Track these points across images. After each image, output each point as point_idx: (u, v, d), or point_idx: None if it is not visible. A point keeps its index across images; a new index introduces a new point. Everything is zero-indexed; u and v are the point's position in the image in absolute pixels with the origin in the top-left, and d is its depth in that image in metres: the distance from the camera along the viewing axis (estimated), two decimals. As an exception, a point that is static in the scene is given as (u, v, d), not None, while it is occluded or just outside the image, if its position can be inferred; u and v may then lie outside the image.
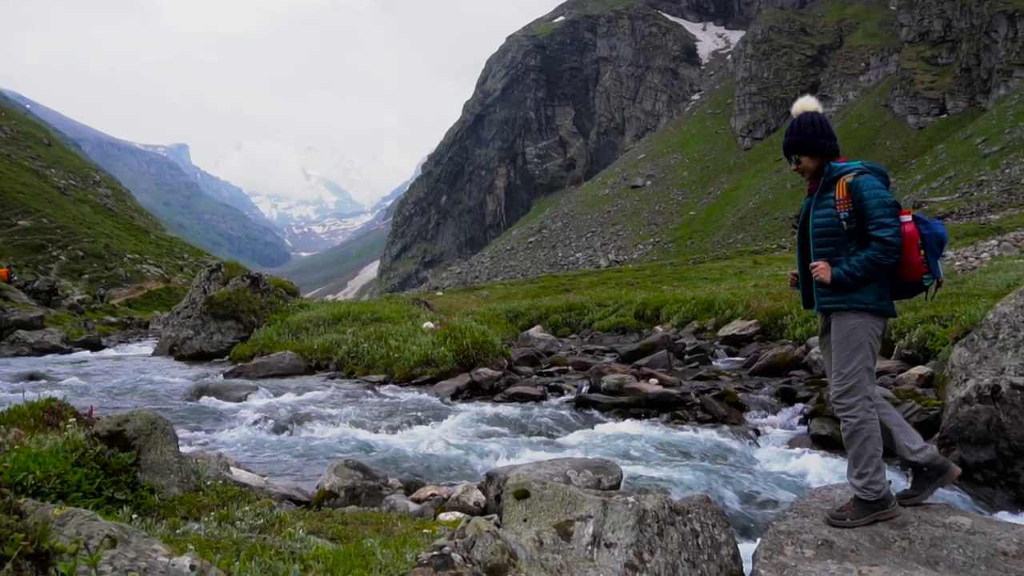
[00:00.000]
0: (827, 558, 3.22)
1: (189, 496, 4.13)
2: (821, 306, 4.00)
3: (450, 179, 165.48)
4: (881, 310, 3.84)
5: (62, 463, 3.73)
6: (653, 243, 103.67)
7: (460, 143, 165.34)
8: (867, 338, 3.82)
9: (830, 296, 3.89)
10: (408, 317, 15.47)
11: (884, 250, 3.70)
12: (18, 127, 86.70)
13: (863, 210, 3.77)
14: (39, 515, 1.37)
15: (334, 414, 8.48)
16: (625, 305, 19.82)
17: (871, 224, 3.74)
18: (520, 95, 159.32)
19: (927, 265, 3.78)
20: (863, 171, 3.86)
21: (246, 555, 2.34)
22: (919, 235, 3.76)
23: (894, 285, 3.90)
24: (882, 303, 3.83)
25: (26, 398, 5.49)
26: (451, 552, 2.05)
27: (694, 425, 7.84)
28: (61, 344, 19.79)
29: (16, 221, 56.46)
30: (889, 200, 3.76)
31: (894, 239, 3.69)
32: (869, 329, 3.83)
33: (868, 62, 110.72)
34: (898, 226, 3.72)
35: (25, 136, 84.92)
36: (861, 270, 3.75)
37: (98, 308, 43.08)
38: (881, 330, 3.90)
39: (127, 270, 57.68)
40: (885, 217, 3.71)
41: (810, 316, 12.83)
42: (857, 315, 3.83)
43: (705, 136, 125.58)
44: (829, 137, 3.97)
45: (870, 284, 3.81)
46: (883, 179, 3.90)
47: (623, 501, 3.38)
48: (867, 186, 3.78)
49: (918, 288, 3.91)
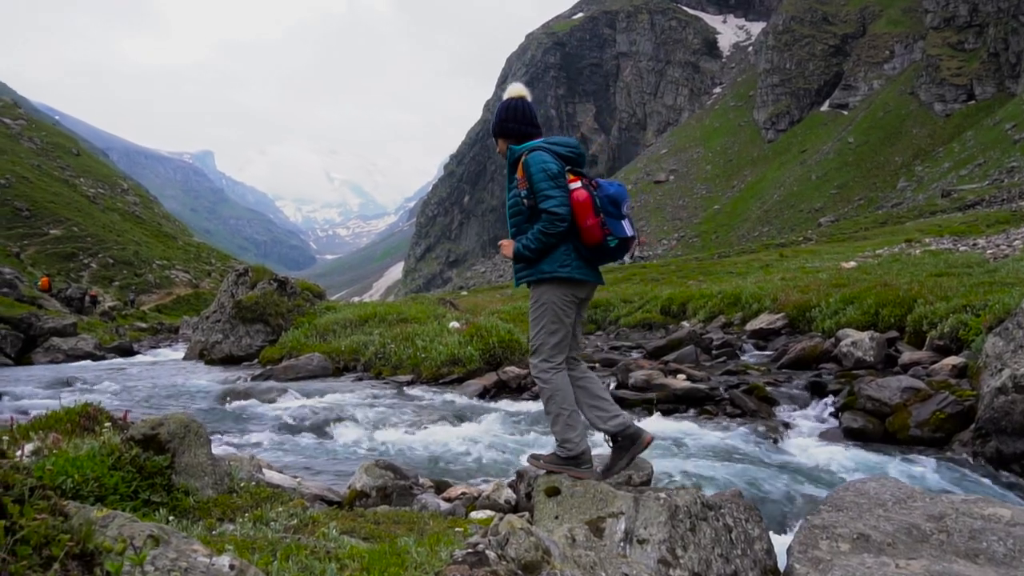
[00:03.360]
0: (863, 552, 3.18)
1: (223, 498, 4.17)
2: (518, 281, 4.15)
3: (472, 179, 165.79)
4: (567, 277, 3.93)
5: (99, 467, 3.79)
6: (677, 238, 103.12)
7: (481, 142, 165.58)
8: (551, 304, 3.96)
9: (522, 271, 4.04)
10: (434, 317, 15.52)
11: (551, 220, 3.82)
12: (48, 138, 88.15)
13: (532, 185, 3.90)
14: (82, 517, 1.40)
15: (363, 415, 8.54)
16: (651, 301, 19.73)
17: (538, 197, 3.87)
18: (540, 93, 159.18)
19: (606, 227, 3.85)
20: (535, 148, 3.97)
21: (282, 555, 2.36)
22: (591, 199, 3.85)
23: (583, 251, 3.95)
24: (565, 270, 3.91)
25: (62, 403, 5.59)
26: (485, 549, 2.05)
27: (723, 420, 7.78)
28: (94, 350, 20.11)
29: (48, 230, 57.46)
30: (553, 170, 3.87)
31: (557, 209, 3.80)
32: (555, 295, 3.96)
33: (892, 50, 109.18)
34: (562, 196, 3.83)
35: (55, 146, 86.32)
36: (535, 241, 3.88)
37: (129, 314, 43.73)
38: (572, 295, 4.00)
39: (156, 276, 58.49)
40: (549, 189, 3.83)
41: (839, 309, 12.69)
42: (543, 284, 3.97)
43: (728, 129, 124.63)
44: (522, 122, 4.14)
45: (554, 253, 3.91)
46: (569, 151, 4.03)
47: (654, 497, 3.37)
48: (533, 162, 3.91)
49: (607, 250, 3.94)
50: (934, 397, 6.86)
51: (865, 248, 33.96)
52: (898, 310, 11.30)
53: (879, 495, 3.75)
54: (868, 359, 9.62)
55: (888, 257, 25.70)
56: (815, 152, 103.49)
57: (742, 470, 5.90)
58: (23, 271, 39.93)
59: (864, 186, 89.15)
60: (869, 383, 7.40)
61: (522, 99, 4.23)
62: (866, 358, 9.64)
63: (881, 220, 61.85)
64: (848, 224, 66.25)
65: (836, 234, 56.37)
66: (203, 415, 8.65)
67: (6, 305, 22.79)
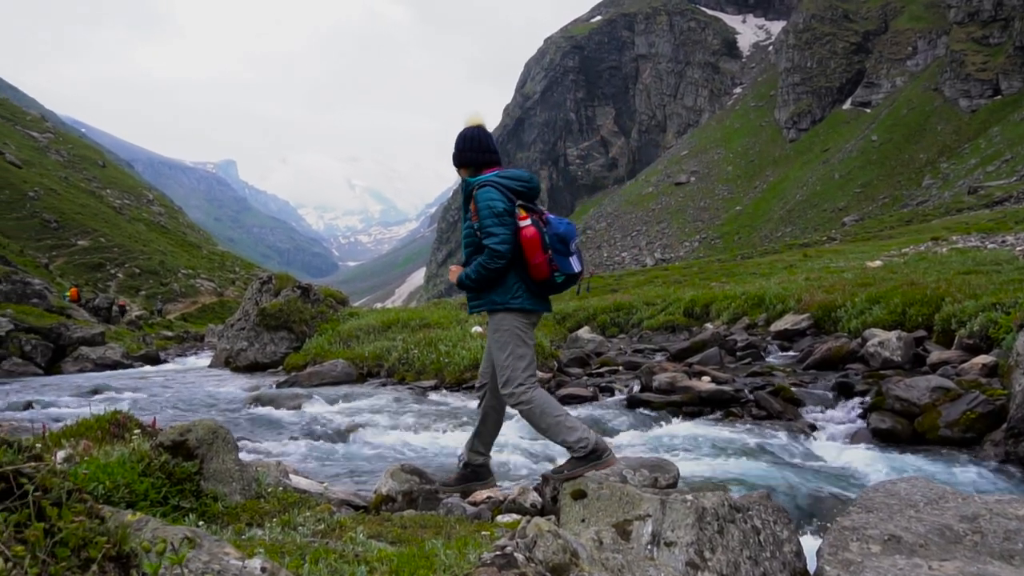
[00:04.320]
0: (895, 553, 3.14)
1: (251, 503, 4.21)
2: (470, 309, 4.38)
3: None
4: (519, 307, 4.15)
5: (129, 473, 3.84)
6: (699, 240, 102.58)
7: (502, 147, 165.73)
8: (513, 330, 4.18)
9: (474, 300, 4.29)
10: (456, 322, 15.55)
11: (491, 256, 4.02)
12: (74, 150, 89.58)
13: (480, 220, 4.09)
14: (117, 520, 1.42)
15: (387, 420, 8.58)
16: (674, 303, 19.62)
17: (482, 233, 4.07)
18: (560, 97, 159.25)
19: (553, 263, 4.04)
20: (486, 184, 4.14)
21: (312, 558, 2.38)
22: (540, 236, 4.01)
23: (531, 284, 4.17)
24: (516, 301, 4.13)
25: (92, 411, 5.67)
26: (513, 552, 2.06)
27: (749, 422, 7.72)
28: (122, 359, 20.38)
29: (76, 241, 58.35)
30: (498, 208, 4.04)
31: (498, 246, 4.00)
32: (515, 322, 4.18)
33: (915, 46, 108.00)
34: (505, 233, 4.01)
35: (81, 159, 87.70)
36: (475, 273, 4.09)
37: (155, 323, 44.28)
38: (527, 323, 4.23)
39: (181, 285, 59.17)
40: (493, 227, 4.02)
41: (865, 308, 12.55)
42: (500, 314, 4.21)
43: (749, 129, 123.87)
44: (480, 151, 4.30)
45: (504, 285, 4.14)
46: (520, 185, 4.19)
47: (681, 499, 3.35)
48: (481, 198, 4.09)
49: (554, 284, 4.15)
50: (964, 397, 6.76)
51: (891, 247, 33.58)
52: (926, 309, 11.16)
53: (910, 496, 3.71)
54: (895, 359, 9.51)
55: (914, 256, 25.40)
56: (838, 151, 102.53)
57: (769, 472, 5.85)
58: (52, 282, 40.57)
59: (888, 184, 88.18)
60: (897, 383, 7.31)
61: (479, 128, 4.36)
62: (893, 358, 9.53)
63: (906, 218, 61.13)
64: (873, 223, 65.55)
65: (861, 233, 55.80)
66: (230, 422, 8.73)
67: (36, 316, 23.16)
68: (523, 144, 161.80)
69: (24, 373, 16.91)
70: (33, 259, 47.98)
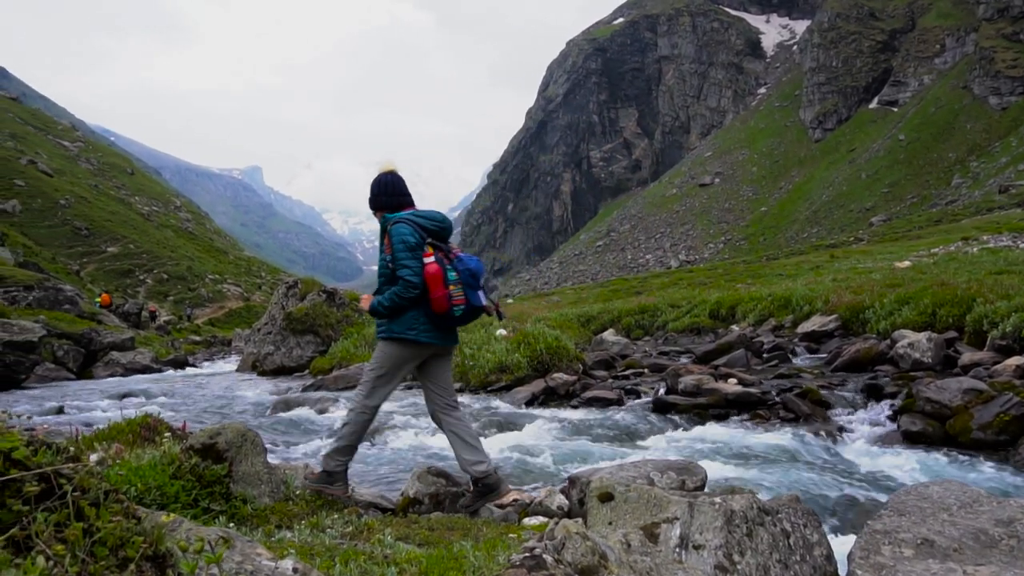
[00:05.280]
0: (928, 557, 3.10)
1: (280, 505, 4.25)
2: (377, 334, 4.74)
3: (516, 187, 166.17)
4: (412, 339, 4.50)
5: (160, 475, 3.89)
6: (724, 241, 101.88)
7: (524, 150, 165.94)
8: (389, 357, 4.58)
9: (380, 326, 4.64)
10: (481, 325, 15.57)
11: (404, 286, 4.37)
12: (104, 159, 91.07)
13: (393, 254, 4.45)
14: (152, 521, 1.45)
15: (413, 423, 8.60)
16: (699, 305, 19.51)
17: (396, 265, 4.42)
18: (582, 99, 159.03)
19: (452, 299, 4.37)
20: (399, 221, 4.51)
21: (341, 559, 2.40)
22: (442, 272, 4.37)
23: (432, 317, 4.48)
24: (412, 333, 4.48)
25: (123, 415, 5.75)
26: (542, 554, 2.05)
27: (776, 424, 7.65)
28: (151, 363, 20.64)
29: (105, 248, 59.28)
30: (411, 243, 4.40)
31: (411, 278, 4.35)
32: (396, 352, 4.57)
33: (943, 43, 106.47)
34: (417, 266, 4.37)
35: (110, 167, 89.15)
36: (388, 301, 4.44)
37: (183, 328, 44.81)
38: (416, 354, 4.60)
39: (209, 290, 59.88)
40: (406, 259, 4.37)
41: (894, 309, 12.39)
42: (388, 342, 4.58)
43: (773, 130, 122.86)
44: (392, 195, 4.70)
45: (404, 317, 4.48)
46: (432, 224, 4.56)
47: (709, 502, 3.32)
48: (395, 233, 4.46)
49: (453, 318, 4.46)
50: (997, 399, 6.64)
51: (919, 247, 33.14)
52: (956, 310, 10.99)
53: (943, 499, 3.66)
54: (926, 360, 9.38)
55: (944, 256, 25.04)
56: (864, 151, 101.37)
57: (797, 475, 5.79)
58: (83, 288, 41.23)
59: (917, 184, 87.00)
60: (928, 385, 7.21)
61: (391, 173, 4.78)
62: (924, 359, 9.40)
63: (935, 218, 60.28)
64: (901, 223, 64.73)
65: (888, 234, 55.13)
66: (257, 425, 8.81)
67: (67, 321, 23.55)
68: (546, 147, 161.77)
69: (57, 378, 17.19)
70: (64, 266, 48.77)
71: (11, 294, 26.61)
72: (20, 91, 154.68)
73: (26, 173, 62.55)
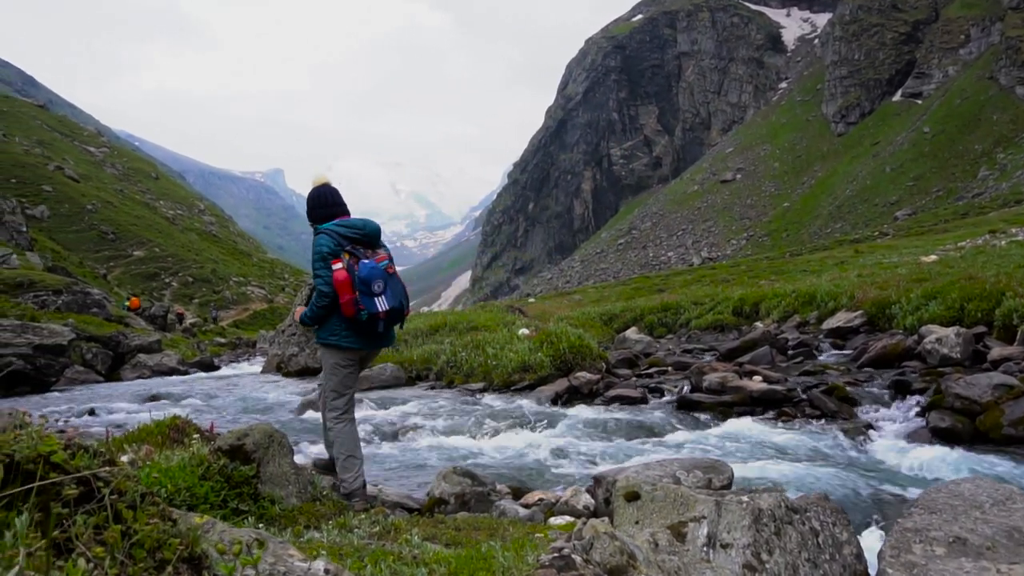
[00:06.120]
0: (960, 556, 3.06)
1: (307, 506, 4.28)
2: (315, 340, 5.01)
3: (536, 186, 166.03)
4: (336, 344, 4.75)
5: (190, 477, 3.93)
6: (747, 237, 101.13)
7: (544, 149, 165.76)
8: (334, 367, 4.82)
9: (316, 334, 4.89)
10: (503, 324, 15.59)
11: (317, 294, 4.63)
12: (129, 163, 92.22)
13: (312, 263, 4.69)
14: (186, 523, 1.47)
15: (437, 423, 8.63)
16: (722, 302, 19.39)
17: (313, 275, 4.67)
18: (602, 97, 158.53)
19: (359, 303, 4.54)
20: (320, 232, 4.74)
21: (370, 560, 2.42)
22: (350, 278, 4.54)
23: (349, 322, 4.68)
24: (334, 338, 4.73)
25: (152, 417, 5.82)
26: (571, 554, 2.06)
27: (803, 422, 7.59)
28: (177, 366, 20.84)
29: (131, 252, 60.03)
30: (325, 252, 4.61)
31: (321, 287, 4.59)
32: (335, 359, 4.81)
33: (968, 34, 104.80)
34: (328, 275, 4.57)
35: (135, 171, 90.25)
36: (310, 310, 4.73)
37: (209, 330, 45.24)
38: (348, 358, 4.83)
39: (233, 292, 60.42)
40: (319, 269, 4.60)
41: (921, 304, 12.24)
42: (324, 348, 4.85)
43: (795, 124, 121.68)
44: (325, 207, 4.94)
45: (328, 324, 4.74)
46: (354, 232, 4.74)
47: (737, 500, 3.30)
48: (314, 245, 4.72)
49: (362, 322, 4.62)
50: (1029, 394, 6.55)
51: (946, 241, 32.69)
52: (985, 304, 10.84)
53: (975, 496, 3.61)
54: (954, 356, 9.26)
55: (971, 249, 24.69)
56: (888, 144, 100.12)
57: (825, 472, 5.74)
58: (110, 292, 41.77)
59: (942, 177, 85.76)
60: (957, 381, 7.12)
61: (324, 186, 5.05)
62: (952, 355, 9.28)
63: (962, 211, 59.42)
64: (927, 217, 63.88)
65: (914, 228, 54.44)
66: (283, 426, 8.88)
67: (96, 325, 23.87)
68: (566, 146, 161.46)
69: (86, 380, 17.42)
70: (92, 270, 49.44)
71: (40, 298, 27.02)
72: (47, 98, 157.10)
73: (53, 179, 63.48)
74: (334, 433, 4.87)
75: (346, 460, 4.77)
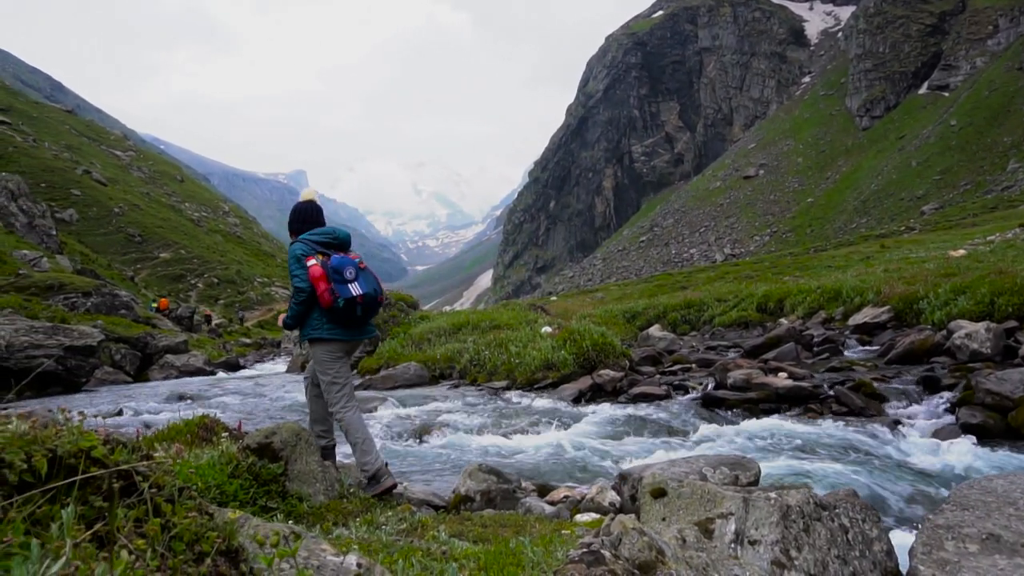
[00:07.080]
0: (994, 553, 3.02)
1: (335, 503, 4.32)
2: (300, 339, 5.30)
3: (557, 184, 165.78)
4: (320, 337, 4.99)
5: (219, 475, 3.98)
6: (770, 234, 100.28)
7: (565, 147, 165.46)
8: (323, 362, 5.04)
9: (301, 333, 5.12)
10: (526, 323, 15.59)
11: (295, 293, 4.93)
12: (154, 167, 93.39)
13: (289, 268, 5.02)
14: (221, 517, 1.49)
15: (461, 421, 8.66)
16: (746, 299, 19.26)
17: (291, 277, 4.99)
18: (623, 94, 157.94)
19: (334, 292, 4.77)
20: (295, 242, 5.06)
21: (400, 555, 2.44)
22: (324, 271, 4.79)
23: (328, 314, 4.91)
24: (316, 332, 4.99)
25: (181, 416, 5.90)
26: (600, 549, 2.06)
27: (829, 418, 7.53)
28: (204, 366, 21.09)
29: (158, 254, 60.80)
30: (299, 254, 4.92)
31: (299, 284, 4.89)
32: (322, 353, 5.04)
33: (996, 24, 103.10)
34: (302, 274, 4.86)
35: (161, 175, 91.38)
36: (290, 310, 5.04)
37: (234, 330, 45.69)
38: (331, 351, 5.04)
39: (257, 293, 60.99)
40: (295, 270, 4.92)
41: (949, 299, 12.09)
42: (313, 343, 5.07)
43: (819, 119, 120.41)
44: (304, 222, 5.20)
45: (309, 320, 5.02)
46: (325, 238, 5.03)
47: (765, 497, 3.29)
48: (290, 251, 5.03)
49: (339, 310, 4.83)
50: (1061, 389, 6.44)
51: (975, 235, 32.22)
52: (1016, 299, 10.67)
53: (1009, 493, 3.56)
54: (984, 351, 9.13)
55: (1001, 243, 24.32)
56: (914, 137, 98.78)
57: (853, 469, 5.69)
58: (137, 293, 42.33)
59: (970, 170, 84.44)
60: (987, 376, 7.02)
61: (309, 202, 5.32)
62: (982, 350, 9.15)
63: (991, 205, 58.51)
64: (954, 211, 62.95)
65: (941, 222, 53.69)
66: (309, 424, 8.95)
67: (124, 326, 24.21)
68: (587, 143, 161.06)
69: (115, 381, 17.69)
70: (120, 272, 50.12)
71: (70, 300, 27.44)
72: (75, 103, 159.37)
73: (82, 183, 64.46)
74: (344, 423, 5.04)
75: (363, 444, 4.93)
